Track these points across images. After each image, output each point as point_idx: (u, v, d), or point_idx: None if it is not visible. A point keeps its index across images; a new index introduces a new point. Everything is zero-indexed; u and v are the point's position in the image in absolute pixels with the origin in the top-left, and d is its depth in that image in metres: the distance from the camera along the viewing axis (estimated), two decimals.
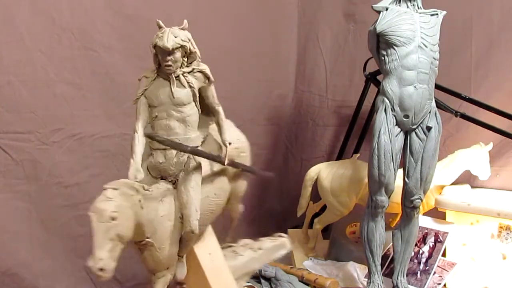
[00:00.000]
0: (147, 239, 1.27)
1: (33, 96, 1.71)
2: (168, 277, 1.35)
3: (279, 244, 1.65)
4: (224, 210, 1.59)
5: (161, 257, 1.30)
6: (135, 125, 1.36)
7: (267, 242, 1.64)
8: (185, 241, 1.34)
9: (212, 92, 1.40)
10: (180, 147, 1.32)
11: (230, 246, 1.64)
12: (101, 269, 1.08)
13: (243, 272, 1.60)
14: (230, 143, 1.38)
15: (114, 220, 1.11)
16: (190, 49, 1.32)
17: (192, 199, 1.32)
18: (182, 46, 1.30)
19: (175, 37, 1.29)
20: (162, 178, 1.39)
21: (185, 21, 1.33)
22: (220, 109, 1.42)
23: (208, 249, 1.52)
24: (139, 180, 1.28)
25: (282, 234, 1.67)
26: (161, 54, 1.30)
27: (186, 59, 1.34)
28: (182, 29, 1.32)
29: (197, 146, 1.36)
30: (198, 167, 1.37)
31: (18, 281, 1.70)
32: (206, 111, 1.42)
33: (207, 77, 1.37)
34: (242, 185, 1.59)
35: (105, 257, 1.09)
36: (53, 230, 1.80)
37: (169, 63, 1.30)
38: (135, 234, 1.22)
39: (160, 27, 1.31)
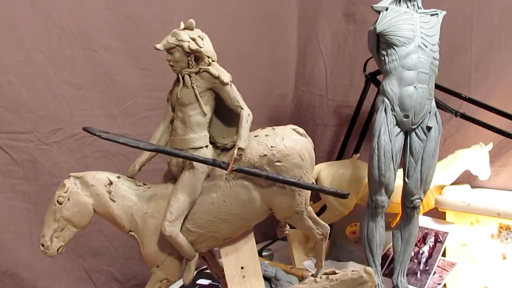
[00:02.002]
0: (130, 232, 1.32)
1: (33, 96, 1.71)
2: (158, 276, 1.35)
3: (357, 278, 1.49)
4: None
5: (144, 253, 1.32)
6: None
7: (346, 274, 1.50)
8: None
9: (228, 93, 1.34)
10: (133, 144, 1.30)
11: (328, 274, 1.52)
12: (42, 245, 1.23)
13: None
14: (241, 149, 1.31)
15: (60, 204, 1.23)
16: (191, 48, 1.30)
17: (171, 201, 1.30)
18: (178, 46, 1.29)
19: (172, 37, 1.29)
20: (175, 178, 1.39)
21: (190, 21, 1.31)
22: (242, 112, 1.34)
23: (241, 262, 1.47)
24: (130, 176, 1.35)
25: (368, 269, 1.50)
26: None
27: (192, 59, 1.31)
28: (187, 28, 1.31)
29: (196, 148, 1.34)
30: (192, 169, 1.33)
31: (18, 281, 1.70)
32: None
33: (216, 77, 1.32)
34: (282, 197, 1.38)
35: (47, 234, 1.23)
36: None
37: (170, 63, 1.31)
38: (113, 225, 1.32)
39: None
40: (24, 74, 1.68)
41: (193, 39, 1.30)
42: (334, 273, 1.51)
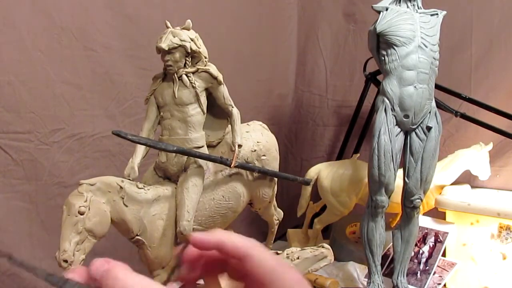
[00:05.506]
0: (136, 237, 1.29)
1: (33, 96, 1.71)
2: (163, 277, 1.34)
3: (319, 254, 1.55)
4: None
5: (152, 255, 1.31)
6: (142, 124, 1.38)
7: (306, 252, 1.55)
8: (181, 242, 1.34)
9: (222, 93, 1.38)
10: (160, 147, 1.30)
11: (276, 254, 1.61)
12: (65, 261, 1.11)
13: None
14: (240, 145, 1.36)
15: (81, 215, 1.14)
16: (192, 48, 1.31)
17: (185, 200, 1.31)
18: (180, 46, 1.29)
19: (174, 37, 1.29)
20: (168, 178, 1.39)
21: (188, 21, 1.32)
22: (233, 110, 1.39)
23: None
24: (132, 179, 1.31)
25: (325, 245, 1.57)
26: (161, 54, 1.31)
27: (189, 59, 1.33)
28: (185, 28, 1.32)
29: (199, 147, 1.36)
30: (198, 168, 1.36)
31: (18, 281, 1.69)
32: (224, 113, 1.41)
33: (214, 77, 1.35)
34: (266, 189, 1.55)
35: (69, 249, 1.12)
36: (53, 230, 1.79)
37: (169, 63, 1.31)
38: (120, 230, 1.28)
39: (167, 27, 1.31)
40: (24, 74, 1.68)
41: (192, 40, 1.31)
42: (277, 253, 1.59)
